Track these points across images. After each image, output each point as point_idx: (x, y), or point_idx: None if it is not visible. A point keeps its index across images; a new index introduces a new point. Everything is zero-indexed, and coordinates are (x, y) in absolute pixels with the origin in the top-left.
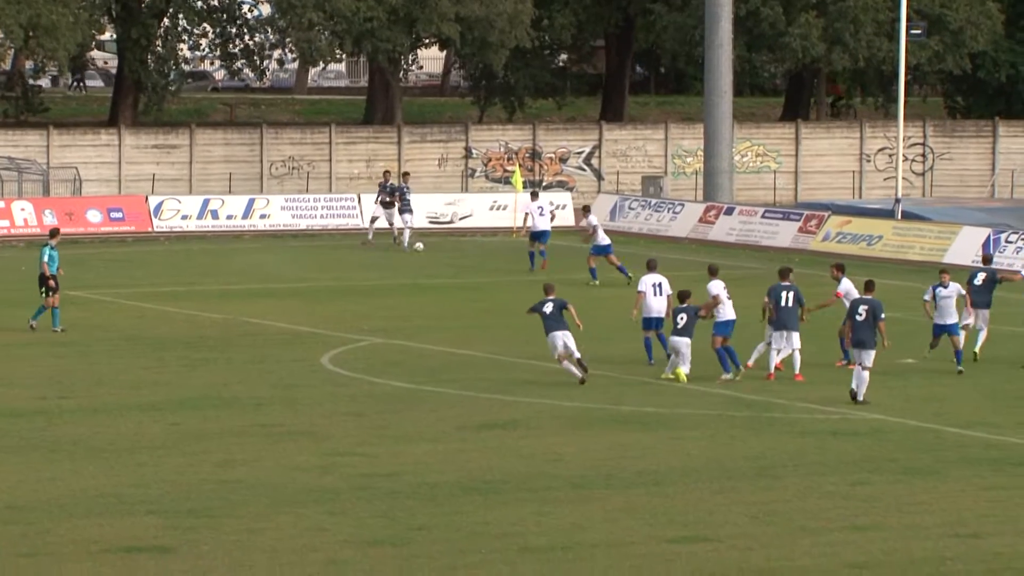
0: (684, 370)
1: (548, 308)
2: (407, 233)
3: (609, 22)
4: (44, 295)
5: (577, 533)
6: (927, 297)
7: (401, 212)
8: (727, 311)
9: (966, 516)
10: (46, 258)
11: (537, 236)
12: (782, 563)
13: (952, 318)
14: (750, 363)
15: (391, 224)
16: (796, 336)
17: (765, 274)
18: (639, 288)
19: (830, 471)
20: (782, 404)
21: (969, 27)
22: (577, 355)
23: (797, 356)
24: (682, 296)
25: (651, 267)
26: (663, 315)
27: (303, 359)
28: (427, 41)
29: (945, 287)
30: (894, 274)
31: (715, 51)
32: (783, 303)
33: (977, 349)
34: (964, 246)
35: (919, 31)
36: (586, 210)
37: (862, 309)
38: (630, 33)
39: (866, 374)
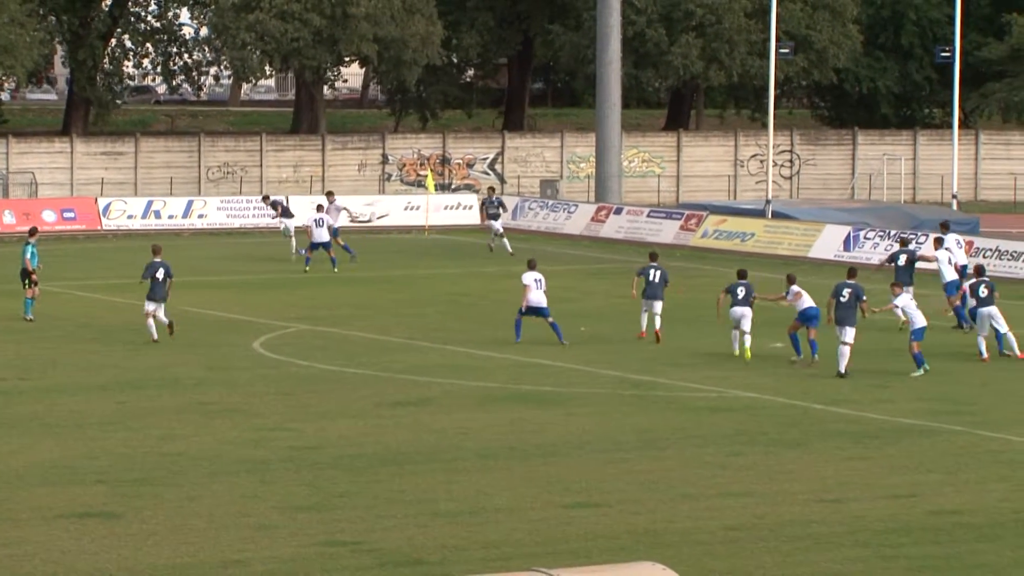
0: (746, 342)
1: (160, 274)
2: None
3: (511, 42)
4: (26, 287)
5: (482, 499)
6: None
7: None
8: (537, 298)
9: (829, 483)
10: (28, 255)
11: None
12: (665, 525)
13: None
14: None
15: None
16: (659, 304)
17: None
18: (524, 282)
19: (708, 443)
20: (666, 384)
21: (832, 46)
22: (167, 320)
23: (658, 321)
24: (741, 274)
25: (531, 266)
26: (543, 305)
27: (237, 344)
28: (348, 59)
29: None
30: (765, 267)
31: (606, 68)
32: (651, 278)
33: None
34: (827, 242)
35: (787, 50)
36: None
37: (846, 292)
38: (530, 52)
39: (847, 349)
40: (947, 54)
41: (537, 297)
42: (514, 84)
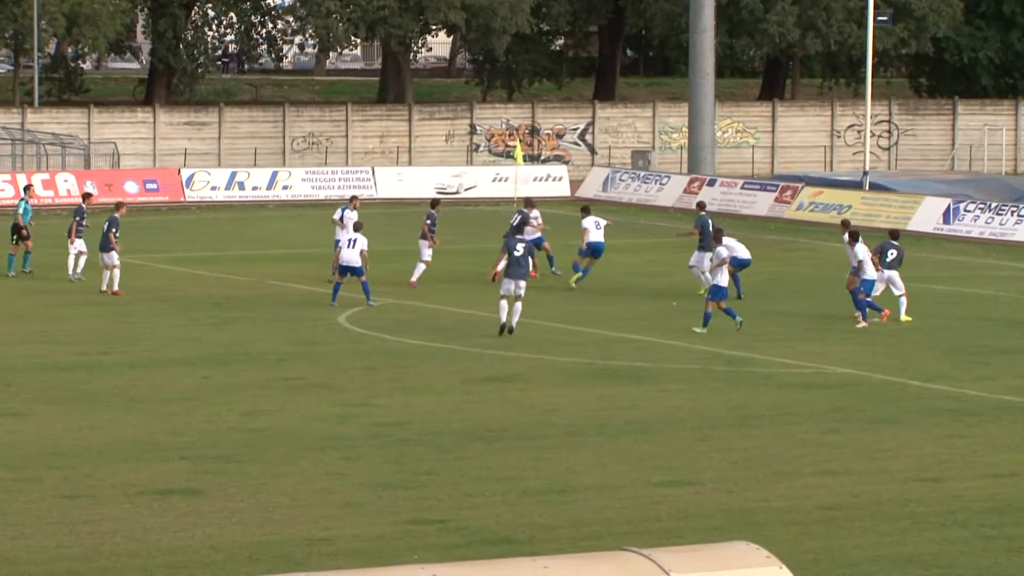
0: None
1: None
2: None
3: (602, 10)
4: (15, 242)
5: (571, 477)
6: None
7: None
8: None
9: (928, 462)
10: (21, 210)
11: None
12: (759, 504)
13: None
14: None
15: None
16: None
17: (744, 240)
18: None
19: (803, 420)
20: (760, 360)
21: (931, 14)
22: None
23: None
24: (892, 234)
25: (356, 228)
26: (356, 264)
27: (322, 318)
28: (435, 27)
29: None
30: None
31: (699, 36)
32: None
33: None
34: (926, 214)
35: (885, 18)
36: None
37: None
38: (621, 19)
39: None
40: None
41: (348, 256)
42: (605, 53)
